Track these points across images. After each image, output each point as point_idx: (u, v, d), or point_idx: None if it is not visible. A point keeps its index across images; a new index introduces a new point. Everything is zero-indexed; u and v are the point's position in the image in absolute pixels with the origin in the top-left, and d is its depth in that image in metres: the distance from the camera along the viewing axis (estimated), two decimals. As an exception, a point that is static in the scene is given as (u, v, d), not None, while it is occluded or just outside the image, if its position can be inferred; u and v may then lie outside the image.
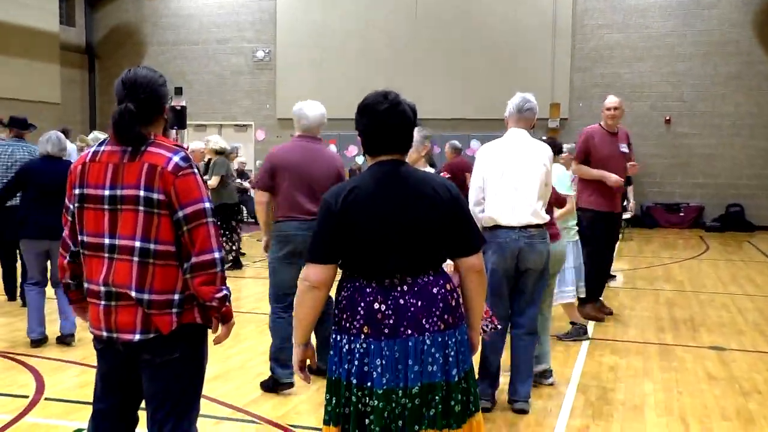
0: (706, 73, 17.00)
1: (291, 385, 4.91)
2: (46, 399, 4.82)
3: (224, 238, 9.87)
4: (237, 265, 10.21)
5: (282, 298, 4.91)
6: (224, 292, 2.75)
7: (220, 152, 9.90)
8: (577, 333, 6.54)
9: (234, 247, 10.20)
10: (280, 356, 4.86)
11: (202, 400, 4.50)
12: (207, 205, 2.73)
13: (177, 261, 2.72)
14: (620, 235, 13.94)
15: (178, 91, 18.59)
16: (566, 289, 6.33)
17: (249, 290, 9.05)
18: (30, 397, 4.85)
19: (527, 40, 17.64)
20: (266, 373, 5.07)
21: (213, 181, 9.44)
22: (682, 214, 17.12)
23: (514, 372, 4.72)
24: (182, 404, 2.85)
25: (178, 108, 16.26)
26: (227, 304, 2.78)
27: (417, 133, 4.60)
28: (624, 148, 7.54)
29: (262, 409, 4.66)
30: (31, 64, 18.37)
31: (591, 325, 7.05)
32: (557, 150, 5.97)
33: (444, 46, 18.05)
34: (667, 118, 17.23)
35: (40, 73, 18.76)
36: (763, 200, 16.80)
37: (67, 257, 2.89)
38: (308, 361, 2.91)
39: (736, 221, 16.58)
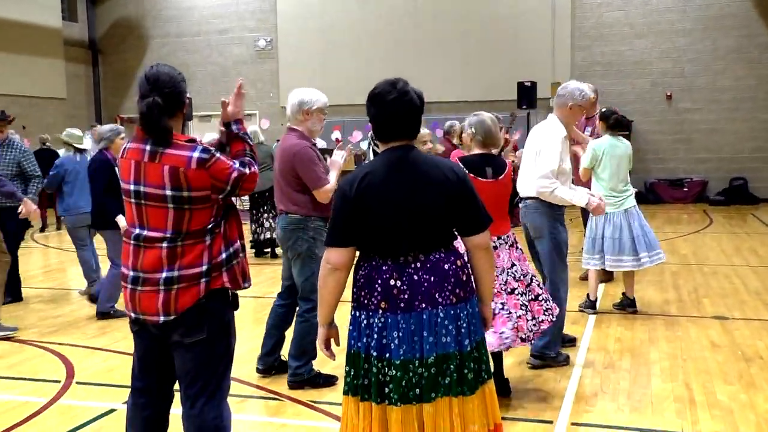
0: (706, 48, 17.08)
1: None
2: (77, 383, 5.05)
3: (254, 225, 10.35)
4: (260, 253, 10.49)
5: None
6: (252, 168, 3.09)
7: None
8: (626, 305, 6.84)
9: (263, 236, 10.42)
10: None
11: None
12: (235, 165, 2.98)
13: (205, 237, 2.93)
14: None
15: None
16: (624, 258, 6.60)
17: (277, 273, 9.25)
18: (62, 381, 5.08)
19: (527, 19, 17.73)
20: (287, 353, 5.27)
21: None
22: (685, 189, 17.25)
23: None
24: (213, 381, 3.05)
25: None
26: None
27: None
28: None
29: (286, 387, 4.86)
30: (35, 61, 18.55)
31: (599, 298, 7.25)
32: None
33: (445, 28, 18.15)
34: (669, 93, 17.33)
35: (45, 69, 18.94)
36: (767, 173, 16.92)
37: None
38: (332, 340, 3.11)
39: (740, 194, 16.70)
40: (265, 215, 10.36)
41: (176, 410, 3.27)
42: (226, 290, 3.02)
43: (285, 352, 5.04)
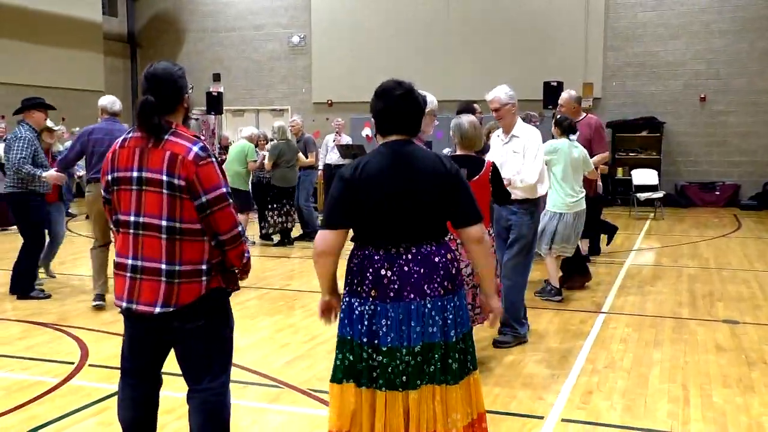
0: (742, 49, 16.82)
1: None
2: (89, 365, 5.26)
3: (274, 214, 10.85)
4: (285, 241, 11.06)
5: None
6: (247, 255, 3.17)
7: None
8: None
9: (284, 226, 10.93)
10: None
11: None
12: (225, 189, 3.07)
13: (203, 236, 3.05)
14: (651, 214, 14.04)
15: (216, 78, 19.02)
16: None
17: (281, 268, 9.41)
18: (75, 363, 5.29)
19: (560, 19, 17.66)
20: (292, 344, 5.44)
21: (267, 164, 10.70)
22: (717, 192, 17.03)
23: None
24: (217, 361, 3.19)
25: (215, 94, 16.70)
26: (249, 262, 3.20)
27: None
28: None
29: (287, 376, 5.01)
30: (75, 54, 19.00)
31: (610, 298, 7.30)
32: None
33: (476, 27, 18.16)
34: (702, 96, 17.12)
35: (84, 62, 19.38)
36: (802, 177, 16.65)
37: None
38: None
39: (773, 199, 16.45)
40: (275, 212, 10.79)
41: (172, 393, 3.44)
42: (224, 290, 3.16)
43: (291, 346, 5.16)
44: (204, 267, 3.04)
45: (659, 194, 14.90)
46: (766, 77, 16.73)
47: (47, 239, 7.75)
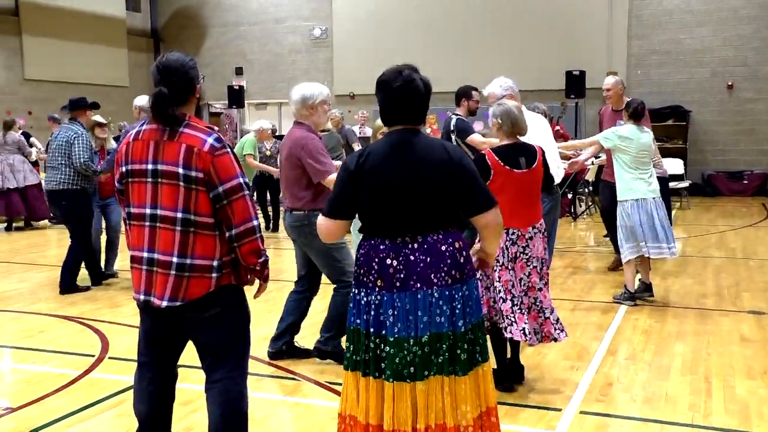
0: (772, 36, 16.53)
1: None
2: (110, 358, 5.30)
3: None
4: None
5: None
6: (264, 257, 3.11)
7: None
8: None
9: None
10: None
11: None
12: (242, 180, 3.05)
13: (216, 231, 3.04)
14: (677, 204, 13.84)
15: (239, 71, 19.10)
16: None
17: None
18: (96, 355, 5.34)
19: (583, 7, 17.46)
20: (308, 337, 5.42)
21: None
22: (745, 181, 16.77)
23: None
24: (235, 352, 3.19)
25: (236, 87, 16.76)
26: (267, 267, 3.14)
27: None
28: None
29: (303, 368, 5.01)
30: (100, 50, 19.17)
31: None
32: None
33: (499, 16, 18.02)
34: (730, 83, 16.84)
35: (108, 57, 19.55)
36: (832, 166, 16.33)
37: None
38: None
39: (803, 188, 16.17)
40: None
41: (189, 385, 3.45)
42: (235, 286, 3.14)
43: (301, 338, 5.18)
44: (215, 263, 3.03)
45: (685, 183, 14.69)
46: (795, 64, 16.43)
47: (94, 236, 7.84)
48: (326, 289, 5.27)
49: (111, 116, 17.06)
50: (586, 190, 13.44)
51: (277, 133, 12.67)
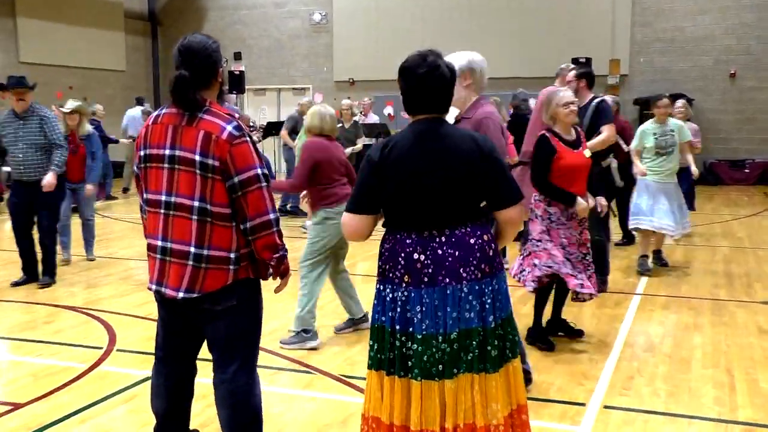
0: (775, 24, 16.41)
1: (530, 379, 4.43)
2: (117, 350, 5.18)
3: None
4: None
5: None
6: (281, 252, 2.99)
7: None
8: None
9: None
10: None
11: (261, 352, 4.80)
12: (260, 170, 2.92)
13: (232, 222, 2.92)
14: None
15: (238, 56, 18.87)
16: None
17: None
18: (103, 348, 5.21)
19: (586, -6, 17.30)
20: (322, 329, 5.33)
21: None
22: (747, 170, 16.70)
23: None
24: (246, 348, 3.09)
25: (237, 73, 16.56)
26: (285, 261, 3.01)
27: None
28: None
29: (317, 361, 4.91)
30: (97, 33, 18.91)
31: (644, 279, 7.13)
32: None
33: (502, 3, 17.84)
34: (732, 72, 16.73)
35: (105, 41, 19.31)
36: (834, 154, 16.25)
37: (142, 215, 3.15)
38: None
39: (805, 177, 16.10)
40: None
41: (205, 379, 3.33)
42: (252, 280, 3.04)
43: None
44: (232, 255, 2.92)
45: (692, 174, 14.54)
46: (798, 52, 16.31)
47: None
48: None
49: (108, 100, 16.94)
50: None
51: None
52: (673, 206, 7.37)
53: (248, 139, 2.93)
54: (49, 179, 6.75)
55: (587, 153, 5.06)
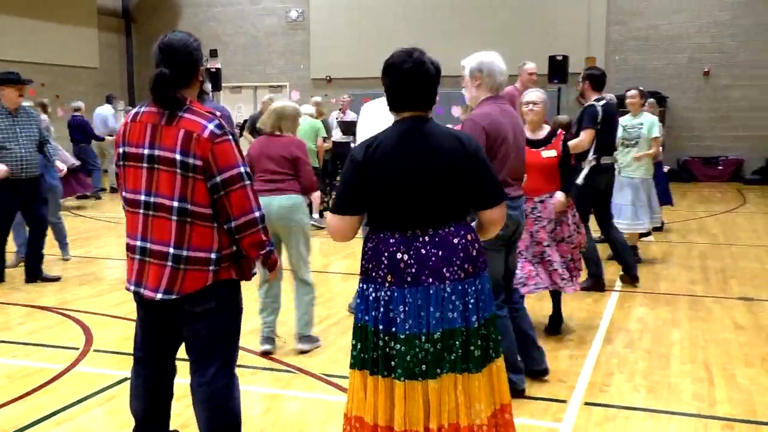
0: (747, 23, 16.60)
1: (522, 392, 4.20)
2: (94, 351, 5.11)
3: None
4: None
5: (494, 292, 4.11)
6: (268, 248, 2.97)
7: None
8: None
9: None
10: (508, 360, 3.70)
11: (241, 352, 4.75)
12: (243, 169, 2.89)
13: (214, 223, 2.89)
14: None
15: (213, 53, 18.69)
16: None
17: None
18: (80, 348, 5.13)
19: (562, -7, 17.39)
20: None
21: None
22: (720, 167, 16.90)
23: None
24: (224, 350, 3.05)
25: (213, 70, 16.43)
26: (272, 256, 3.01)
27: (541, 93, 5.14)
28: None
29: (298, 360, 4.87)
30: (69, 29, 18.68)
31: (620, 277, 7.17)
32: None
33: (480, 1, 17.88)
34: (706, 70, 16.92)
35: (78, 37, 19.07)
36: (806, 152, 16.49)
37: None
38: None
39: (777, 174, 16.32)
40: None
41: (186, 379, 3.29)
42: (233, 281, 3.01)
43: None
44: (213, 256, 2.88)
45: (664, 169, 14.70)
46: (769, 50, 16.53)
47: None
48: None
49: (80, 98, 16.71)
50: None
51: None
52: (638, 201, 7.58)
53: (231, 137, 2.89)
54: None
55: (548, 153, 5.10)
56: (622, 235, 7.04)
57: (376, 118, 5.55)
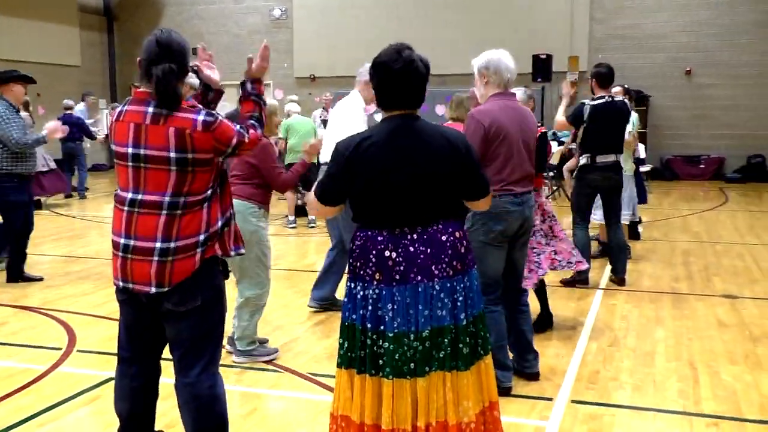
0: (729, 22, 16.72)
1: (508, 391, 4.20)
2: (78, 351, 5.06)
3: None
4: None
5: (490, 288, 4.10)
6: (257, 131, 3.08)
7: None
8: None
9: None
10: (496, 356, 3.86)
11: (227, 347, 4.73)
12: (237, 130, 2.95)
13: (203, 205, 2.90)
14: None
15: (196, 52, 18.61)
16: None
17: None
18: (63, 349, 5.08)
19: (545, -8, 17.44)
20: (286, 326, 5.26)
21: None
22: (702, 166, 17.02)
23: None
24: (208, 350, 3.03)
25: (195, 68, 16.33)
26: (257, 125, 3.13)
27: (523, 92, 4.97)
28: None
29: (284, 359, 4.85)
30: (50, 27, 18.49)
31: (606, 273, 7.20)
32: None
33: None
34: (688, 69, 17.03)
35: (59, 35, 18.89)
36: (786, 150, 16.64)
37: None
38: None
39: (758, 172, 16.45)
40: None
41: (171, 379, 3.26)
42: (217, 258, 3.00)
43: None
44: (201, 237, 2.90)
45: (646, 168, 14.79)
46: (750, 50, 16.66)
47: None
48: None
49: (63, 97, 16.55)
50: (551, 174, 13.44)
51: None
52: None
53: (220, 117, 2.92)
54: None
55: None
56: (623, 238, 7.04)
57: (347, 115, 5.67)
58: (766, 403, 4.15)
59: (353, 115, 5.66)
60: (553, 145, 11.79)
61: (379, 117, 3.08)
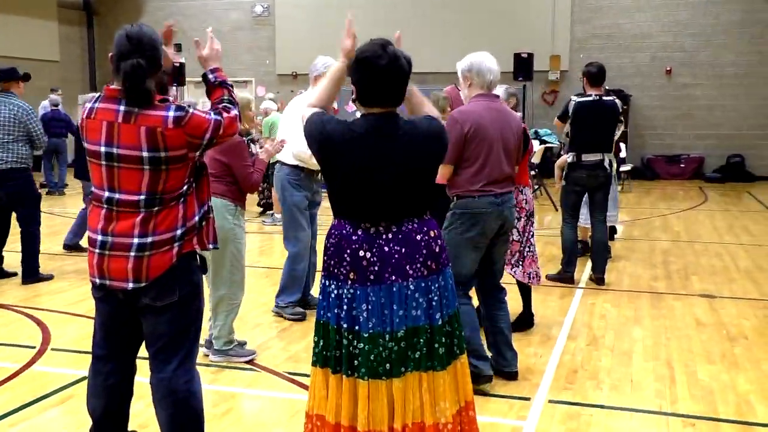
0: (708, 22, 16.84)
1: (490, 378, 4.24)
2: (52, 349, 4.99)
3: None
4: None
5: (461, 285, 4.09)
6: (234, 112, 3.02)
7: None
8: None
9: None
10: (472, 347, 4.04)
11: (202, 350, 4.68)
12: (213, 117, 2.89)
13: (181, 199, 2.86)
14: (619, 187, 14.06)
15: (177, 48, 18.38)
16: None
17: (250, 244, 9.17)
18: (37, 347, 5.01)
19: (527, -9, 17.47)
20: (264, 324, 5.22)
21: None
22: (682, 165, 17.14)
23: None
24: (184, 345, 3.00)
25: (177, 64, 16.22)
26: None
27: (504, 90, 4.95)
28: None
29: (260, 358, 4.81)
30: (29, 22, 18.30)
31: (586, 272, 7.21)
32: None
33: (444, -2, 17.91)
34: (668, 69, 17.13)
35: (38, 30, 18.69)
36: (764, 150, 16.77)
37: None
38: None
39: (737, 172, 16.59)
40: None
41: (143, 379, 3.22)
42: (195, 252, 2.96)
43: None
44: (178, 232, 2.86)
45: (627, 167, 14.89)
46: (730, 50, 16.79)
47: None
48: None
49: (42, 92, 16.38)
50: (532, 172, 13.47)
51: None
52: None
53: (191, 109, 2.85)
54: None
55: None
56: (605, 237, 7.08)
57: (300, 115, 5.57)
58: (742, 403, 4.17)
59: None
60: (535, 143, 11.82)
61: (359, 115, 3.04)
